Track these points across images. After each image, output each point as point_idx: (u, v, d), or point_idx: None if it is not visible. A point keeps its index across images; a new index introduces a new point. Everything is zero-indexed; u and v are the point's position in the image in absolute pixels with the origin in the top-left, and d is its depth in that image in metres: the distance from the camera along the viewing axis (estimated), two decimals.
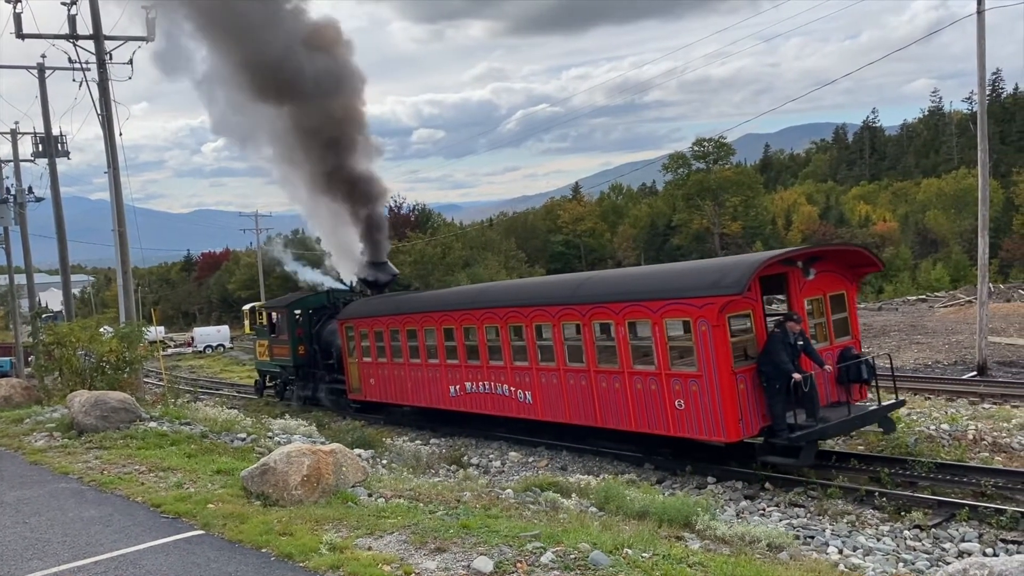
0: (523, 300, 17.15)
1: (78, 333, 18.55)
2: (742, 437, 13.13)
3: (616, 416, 14.86)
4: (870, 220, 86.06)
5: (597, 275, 18.02)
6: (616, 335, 14.64)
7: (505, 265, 69.76)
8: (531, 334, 16.67)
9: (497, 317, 17.56)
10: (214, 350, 63.39)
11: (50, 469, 11.16)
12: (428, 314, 20.03)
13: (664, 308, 13.72)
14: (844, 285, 15.00)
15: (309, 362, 26.60)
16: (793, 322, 13.15)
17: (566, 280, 18.71)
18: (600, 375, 15.11)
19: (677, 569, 6.23)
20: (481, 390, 18.32)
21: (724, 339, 12.91)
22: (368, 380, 22.57)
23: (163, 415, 14.56)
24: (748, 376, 13.13)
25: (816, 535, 11.27)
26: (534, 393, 16.75)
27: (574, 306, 15.57)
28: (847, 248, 16.38)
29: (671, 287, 13.96)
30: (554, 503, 10.52)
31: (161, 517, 8.41)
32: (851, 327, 15.15)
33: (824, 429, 13.03)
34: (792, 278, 14.07)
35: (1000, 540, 10.58)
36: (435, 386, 19.85)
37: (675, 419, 13.72)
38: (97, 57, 25.79)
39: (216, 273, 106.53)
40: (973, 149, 70.36)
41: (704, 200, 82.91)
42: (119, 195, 26.18)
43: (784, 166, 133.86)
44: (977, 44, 25.75)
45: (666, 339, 13.71)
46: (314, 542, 7.02)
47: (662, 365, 13.82)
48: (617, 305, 14.59)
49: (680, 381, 13.56)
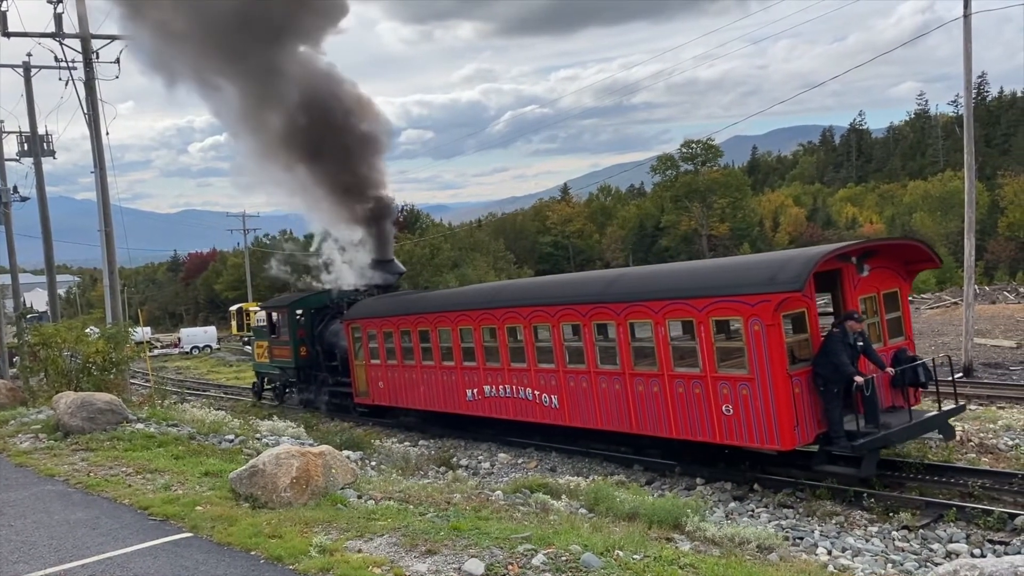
0: (549, 298, 16.21)
1: (64, 334, 18.41)
2: (797, 445, 12.28)
3: (654, 422, 14.00)
4: (857, 222, 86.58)
5: (631, 272, 16.82)
6: (655, 335, 13.75)
7: (494, 266, 69.77)
8: (558, 334, 15.79)
9: (520, 317, 16.63)
10: (201, 351, 63.02)
11: (35, 471, 11.06)
12: (443, 314, 19.06)
13: (711, 306, 12.84)
14: (898, 282, 14.20)
15: (311, 364, 25.80)
16: (854, 321, 12.35)
17: (596, 277, 17.94)
18: (637, 378, 14.21)
19: (668, 571, 6.22)
20: (501, 394, 17.43)
21: (779, 339, 12.09)
22: (376, 383, 21.69)
23: (150, 417, 14.46)
24: (803, 379, 12.27)
25: (805, 536, 11.29)
26: (561, 397, 15.91)
27: (606, 304, 14.69)
28: (903, 243, 15.27)
29: (719, 284, 13.01)
30: (544, 505, 10.51)
31: (149, 519, 8.35)
32: (904, 327, 14.35)
33: (887, 436, 12.16)
34: (846, 275, 13.29)
35: (988, 541, 10.61)
36: (450, 390, 18.94)
37: (722, 426, 12.83)
38: (84, 56, 25.65)
39: (203, 274, 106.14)
40: (959, 152, 70.59)
41: (692, 202, 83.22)
42: (106, 195, 26.03)
43: (771, 168, 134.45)
44: (964, 47, 25.94)
45: (712, 339, 12.85)
46: (304, 544, 6.98)
47: (707, 367, 12.95)
48: (656, 303, 13.73)
49: (728, 385, 12.69)
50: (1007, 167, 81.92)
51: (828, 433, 12.21)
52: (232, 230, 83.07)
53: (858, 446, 11.75)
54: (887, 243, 15.18)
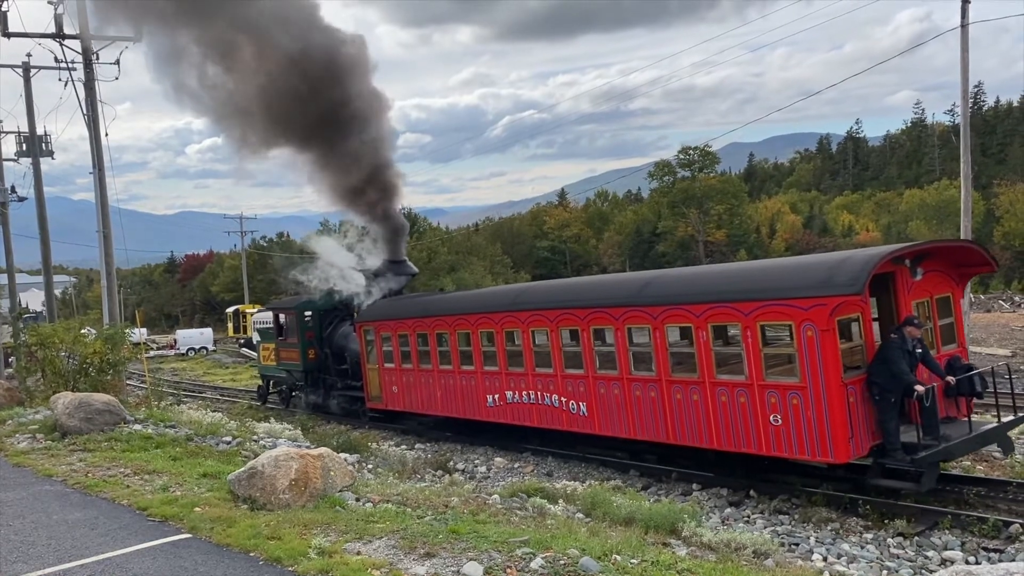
0: (578, 301, 15.48)
1: (61, 334, 18.41)
2: (852, 458, 11.68)
3: (693, 432, 13.34)
4: (853, 230, 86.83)
5: (668, 273, 16.12)
6: (696, 340, 13.11)
7: (491, 270, 69.81)
8: (588, 338, 15.07)
9: (546, 320, 15.94)
10: (197, 352, 62.96)
11: (33, 471, 11.07)
12: (463, 316, 18.30)
13: (759, 310, 12.23)
14: (950, 287, 13.56)
15: (320, 367, 25.21)
16: (913, 327, 11.73)
17: (630, 279, 17.12)
18: (675, 385, 13.57)
19: (667, 575, 6.25)
20: (525, 400, 16.73)
21: (834, 346, 11.48)
22: (390, 388, 20.95)
23: (148, 418, 14.48)
24: (858, 388, 11.67)
25: (801, 542, 11.33)
26: (590, 405, 15.22)
27: (642, 308, 14.03)
28: (957, 245, 14.58)
29: (768, 286, 12.36)
30: (541, 509, 10.53)
31: (147, 520, 8.37)
32: (957, 334, 13.70)
33: (949, 449, 11.55)
34: (899, 278, 12.65)
35: (982, 548, 10.66)
36: (469, 395, 18.23)
37: (769, 437, 12.24)
38: (84, 57, 25.67)
39: (199, 275, 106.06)
40: (955, 161, 70.26)
41: (689, 208, 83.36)
42: (104, 196, 26.01)
43: (768, 175, 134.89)
44: (961, 57, 26.11)
45: (760, 345, 12.27)
46: (303, 546, 7.00)
47: (754, 375, 12.32)
48: (697, 307, 13.10)
49: (777, 393, 12.07)
50: (1003, 176, 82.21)
51: (883, 445, 11.62)
52: (229, 232, 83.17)
53: (919, 459, 11.16)
54: (941, 245, 14.51)
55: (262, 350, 28.72)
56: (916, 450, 11.24)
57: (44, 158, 33.46)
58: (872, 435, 11.73)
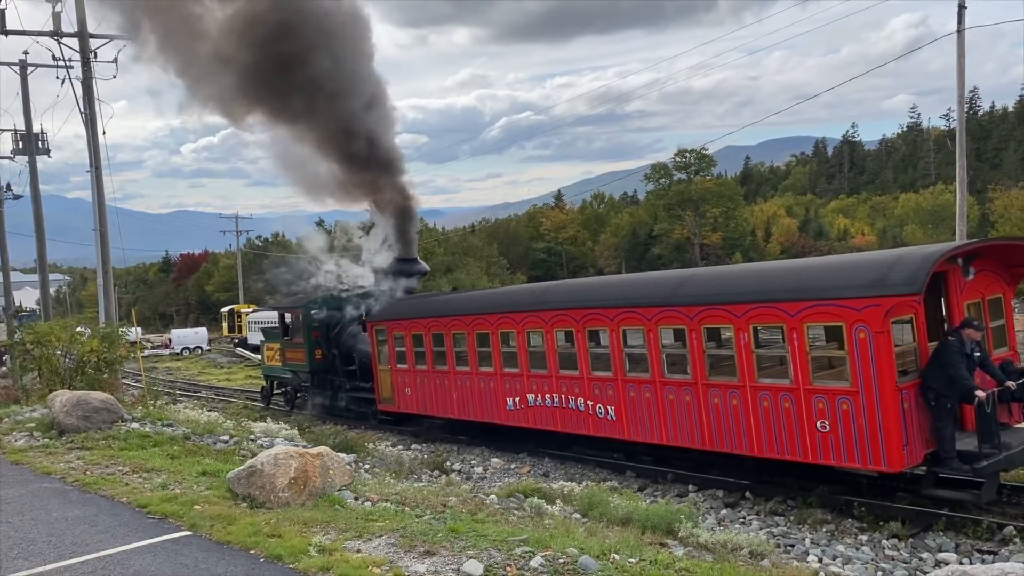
0: (607, 301, 14.95)
1: (58, 333, 18.41)
2: (906, 467, 11.24)
3: (733, 438, 12.86)
4: (849, 233, 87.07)
5: (704, 272, 15.48)
6: (736, 342, 12.65)
7: (487, 271, 69.85)
8: (617, 339, 14.57)
9: (572, 320, 15.42)
10: (191, 352, 62.93)
11: (31, 469, 11.09)
12: (482, 316, 17.74)
13: (806, 311, 11.74)
14: (1002, 287, 13.09)
15: (327, 368, 24.58)
16: (972, 328, 11.24)
17: (662, 278, 16.49)
18: (712, 389, 13.09)
19: (666, 574, 6.30)
20: (548, 403, 16.23)
21: (888, 348, 10.98)
22: (403, 390, 20.33)
23: (145, 416, 14.49)
24: (912, 393, 11.22)
25: (796, 544, 11.41)
26: (618, 408, 14.72)
27: (676, 308, 13.52)
28: (1011, 243, 13.90)
29: (816, 286, 11.86)
30: (539, 509, 10.58)
31: (147, 518, 8.39)
32: (1008, 336, 13.19)
33: (1011, 458, 11.03)
34: (952, 278, 12.16)
35: (976, 551, 10.73)
36: (488, 398, 17.68)
37: (815, 444, 11.76)
38: (82, 55, 25.66)
39: (195, 275, 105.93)
40: (950, 165, 70.56)
41: (685, 210, 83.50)
42: (101, 194, 26.00)
43: (764, 179, 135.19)
44: (957, 62, 26.22)
45: (807, 348, 11.78)
46: (303, 544, 7.04)
47: (800, 379, 11.84)
48: (738, 307, 12.58)
49: (825, 398, 11.60)
50: (998, 181, 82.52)
51: (938, 453, 11.16)
52: (225, 231, 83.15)
53: (980, 469, 10.71)
54: (993, 244, 13.89)
55: (266, 350, 28.14)
56: (974, 459, 10.76)
57: (40, 156, 33.45)
58: (926, 443, 11.28)
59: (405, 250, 23.94)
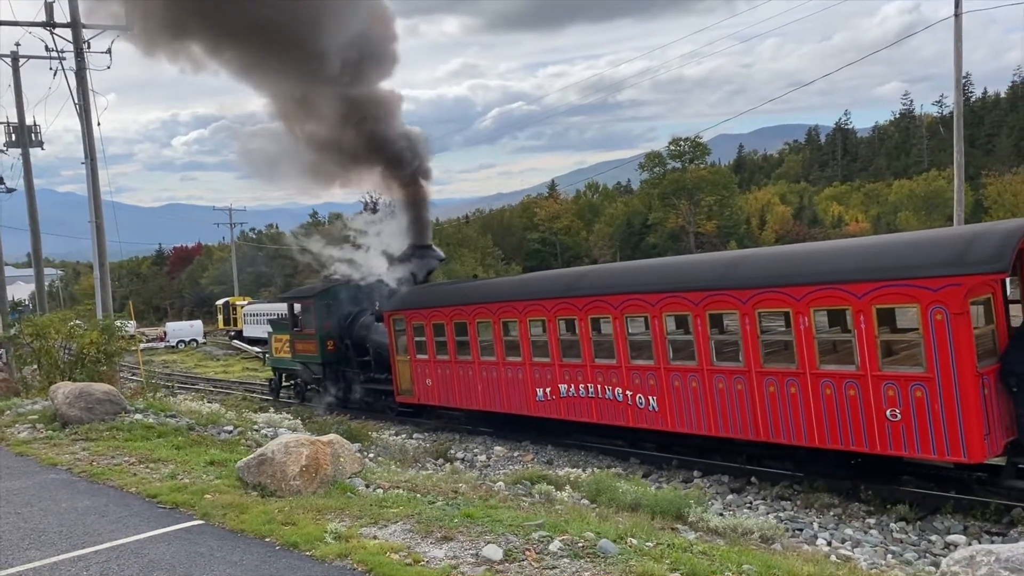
0: (648, 285, 14.30)
1: (58, 325, 18.31)
2: (988, 457, 10.70)
3: (790, 429, 12.27)
4: (843, 221, 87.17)
5: (757, 253, 14.80)
6: (795, 327, 12.02)
7: (482, 262, 69.74)
8: (659, 326, 13.96)
9: (610, 306, 14.78)
10: (187, 345, 62.77)
11: (37, 460, 11.02)
12: (509, 303, 17.14)
13: (875, 292, 11.08)
14: None
15: (339, 359, 24.05)
16: None
17: (711, 259, 15.69)
18: (767, 377, 12.48)
19: (684, 557, 6.28)
20: (582, 394, 15.64)
21: (967, 331, 10.33)
22: (423, 381, 19.77)
23: (148, 407, 14.40)
24: (992, 379, 10.67)
25: (804, 528, 11.44)
26: (661, 399, 14.14)
27: (727, 291, 12.90)
28: None
29: (887, 265, 11.14)
30: (548, 495, 10.56)
31: (158, 507, 8.34)
32: None
33: None
34: None
35: (985, 532, 10.76)
36: (516, 388, 17.10)
37: (884, 433, 11.16)
38: (75, 46, 25.46)
39: (188, 268, 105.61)
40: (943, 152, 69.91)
41: (680, 199, 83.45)
42: (96, 186, 25.83)
43: (757, 167, 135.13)
44: (954, 47, 26.19)
45: (875, 332, 11.17)
46: (318, 531, 7.00)
47: (868, 365, 11.23)
48: (797, 289, 11.95)
49: (896, 385, 10.99)
50: (991, 167, 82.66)
51: (1020, 442, 10.69)
52: (219, 224, 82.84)
53: None
54: None
55: (274, 341, 27.54)
56: None
57: (33, 149, 33.21)
58: (1007, 431, 10.75)
59: (420, 237, 23.35)
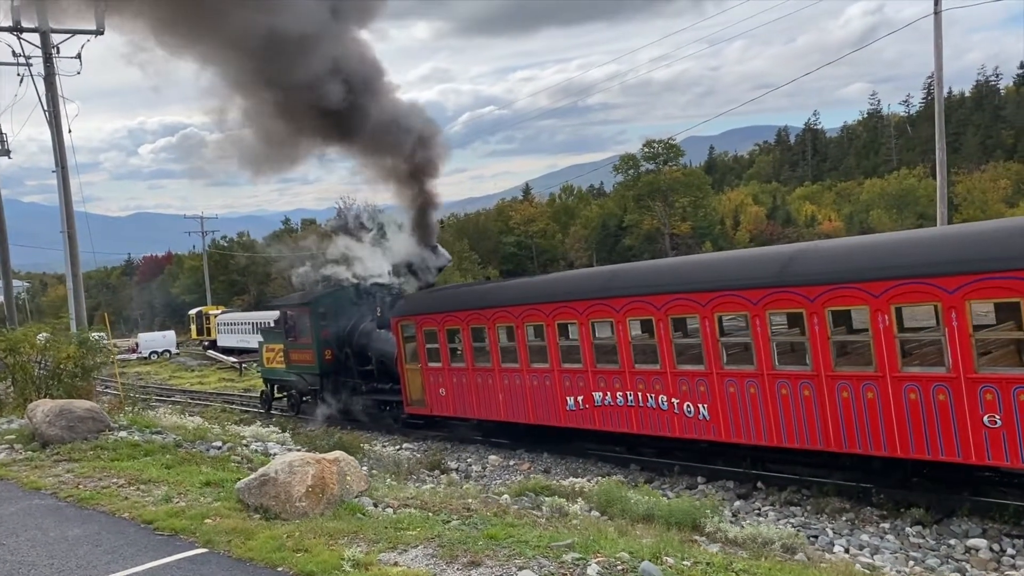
0: (697, 284, 13.40)
1: (32, 339, 17.57)
2: None
3: (868, 438, 11.37)
4: (816, 220, 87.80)
5: (822, 245, 13.54)
6: (872, 326, 11.09)
7: (458, 266, 69.21)
8: (711, 328, 13.05)
9: (652, 307, 13.85)
10: (160, 356, 61.57)
11: (18, 484, 10.38)
12: (534, 306, 16.14)
13: (968, 287, 10.13)
14: None
15: (339, 369, 22.93)
16: None
17: (768, 254, 14.46)
18: (839, 382, 11.62)
19: None
20: (619, 402, 14.67)
21: None
22: (436, 390, 18.71)
23: (132, 424, 13.81)
24: None
25: (819, 535, 11.15)
26: (713, 407, 13.24)
27: (788, 289, 12.04)
28: None
29: (984, 256, 10.15)
30: (561, 509, 10.17)
31: (156, 535, 7.80)
32: None
33: None
34: None
35: (1004, 535, 10.53)
36: (543, 397, 16.09)
37: (981, 442, 10.27)
38: (43, 51, 24.73)
39: (159, 277, 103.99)
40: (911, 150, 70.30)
41: (654, 201, 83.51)
42: (68, 195, 25.12)
43: (728, 168, 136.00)
44: (934, 44, 26.32)
45: (969, 330, 10.27)
46: (334, 558, 6.52)
47: (961, 367, 10.34)
48: (875, 285, 11.00)
49: (995, 388, 10.13)
50: (959, 165, 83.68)
51: None
52: (189, 232, 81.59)
53: None
54: None
55: (266, 351, 26.33)
56: None
57: (1, 157, 32.26)
58: None
59: (425, 238, 22.42)
